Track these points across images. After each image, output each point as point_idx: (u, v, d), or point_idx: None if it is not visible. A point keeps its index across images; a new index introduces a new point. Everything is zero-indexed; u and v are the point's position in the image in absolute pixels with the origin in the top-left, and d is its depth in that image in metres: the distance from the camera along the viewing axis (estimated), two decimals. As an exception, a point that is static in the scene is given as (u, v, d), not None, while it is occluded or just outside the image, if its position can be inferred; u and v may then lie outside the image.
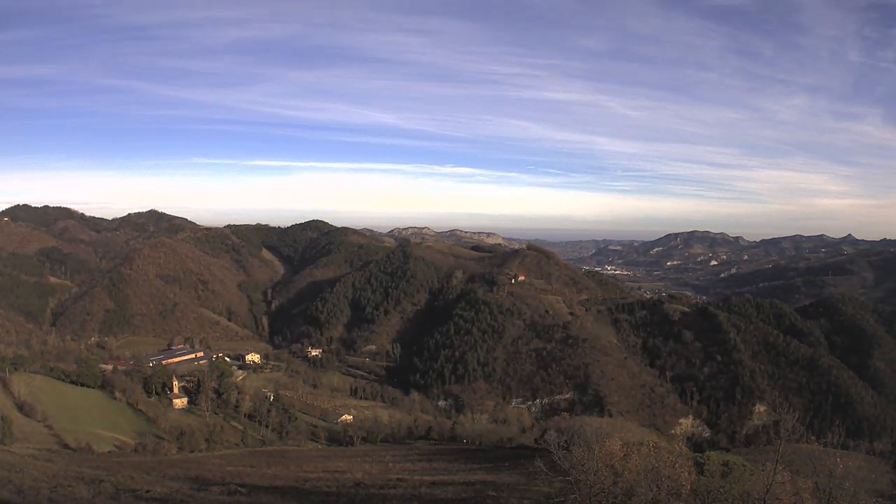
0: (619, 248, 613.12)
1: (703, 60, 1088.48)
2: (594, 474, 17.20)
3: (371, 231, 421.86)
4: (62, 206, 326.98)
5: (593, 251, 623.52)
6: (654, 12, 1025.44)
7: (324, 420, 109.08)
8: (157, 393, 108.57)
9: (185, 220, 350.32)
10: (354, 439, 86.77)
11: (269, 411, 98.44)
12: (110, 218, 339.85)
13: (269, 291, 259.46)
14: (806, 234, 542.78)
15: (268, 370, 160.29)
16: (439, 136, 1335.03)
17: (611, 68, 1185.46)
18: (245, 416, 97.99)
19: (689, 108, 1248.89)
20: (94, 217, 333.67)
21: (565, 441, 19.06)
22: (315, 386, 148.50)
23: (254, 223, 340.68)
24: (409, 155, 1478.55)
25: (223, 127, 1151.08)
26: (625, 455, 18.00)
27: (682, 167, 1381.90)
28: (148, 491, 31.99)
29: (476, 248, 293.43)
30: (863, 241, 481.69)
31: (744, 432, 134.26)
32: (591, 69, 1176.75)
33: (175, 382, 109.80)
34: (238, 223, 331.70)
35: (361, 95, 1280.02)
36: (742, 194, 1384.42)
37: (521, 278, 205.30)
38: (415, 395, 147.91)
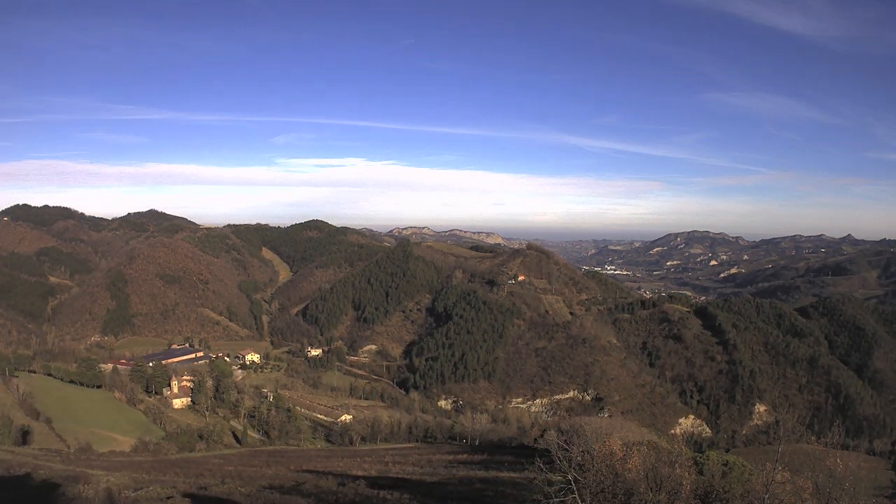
0: (619, 247, 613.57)
1: (704, 58, 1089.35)
2: (594, 474, 17.18)
3: (371, 231, 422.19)
4: (62, 205, 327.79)
5: (593, 251, 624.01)
6: (657, 15, 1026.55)
7: (324, 420, 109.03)
8: (156, 393, 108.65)
9: (185, 219, 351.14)
10: (354, 439, 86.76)
11: (268, 411, 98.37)
12: (110, 218, 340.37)
13: (270, 291, 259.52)
14: (806, 234, 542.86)
15: (268, 370, 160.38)
16: (440, 134, 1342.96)
17: (612, 67, 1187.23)
18: (245, 415, 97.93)
19: (690, 107, 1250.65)
20: (94, 217, 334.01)
21: (565, 441, 19.02)
22: (315, 386, 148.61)
23: (254, 223, 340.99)
24: (410, 153, 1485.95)
25: (223, 124, 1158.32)
26: (625, 455, 17.97)
27: (682, 167, 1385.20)
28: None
29: (476, 248, 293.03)
30: (863, 241, 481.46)
31: (744, 432, 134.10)
32: (592, 67, 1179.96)
33: (175, 382, 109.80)
34: (238, 223, 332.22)
35: (362, 93, 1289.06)
36: (742, 194, 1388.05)
37: (522, 278, 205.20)
38: (415, 394, 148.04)
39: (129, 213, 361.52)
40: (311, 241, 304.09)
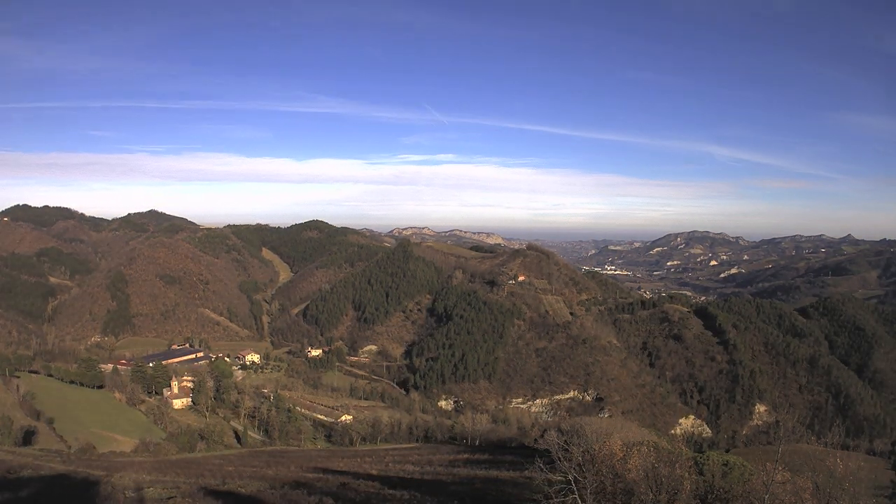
0: (619, 248, 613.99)
1: (706, 57, 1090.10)
2: (594, 474, 17.24)
3: (371, 231, 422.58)
4: (62, 206, 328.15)
5: (593, 251, 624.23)
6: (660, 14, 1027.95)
7: (324, 420, 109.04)
8: (157, 393, 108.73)
9: (185, 220, 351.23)
10: (355, 439, 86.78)
11: (269, 411, 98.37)
12: (110, 218, 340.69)
13: (270, 292, 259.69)
14: (806, 234, 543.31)
15: (268, 370, 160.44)
16: (441, 128, 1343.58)
17: (614, 66, 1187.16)
18: (245, 416, 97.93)
19: (691, 107, 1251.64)
20: (94, 217, 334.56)
21: (565, 441, 19.09)
22: (315, 386, 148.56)
23: (254, 223, 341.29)
24: (410, 150, 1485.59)
25: (223, 122, 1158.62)
26: (625, 455, 18.03)
27: (683, 167, 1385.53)
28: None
29: (476, 248, 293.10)
30: (863, 241, 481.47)
31: (744, 432, 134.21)
32: (594, 66, 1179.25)
33: (175, 383, 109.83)
34: (238, 223, 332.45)
35: (362, 91, 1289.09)
36: (742, 194, 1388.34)
37: (522, 278, 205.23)
38: (415, 394, 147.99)
39: (129, 214, 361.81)
40: (311, 242, 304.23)
